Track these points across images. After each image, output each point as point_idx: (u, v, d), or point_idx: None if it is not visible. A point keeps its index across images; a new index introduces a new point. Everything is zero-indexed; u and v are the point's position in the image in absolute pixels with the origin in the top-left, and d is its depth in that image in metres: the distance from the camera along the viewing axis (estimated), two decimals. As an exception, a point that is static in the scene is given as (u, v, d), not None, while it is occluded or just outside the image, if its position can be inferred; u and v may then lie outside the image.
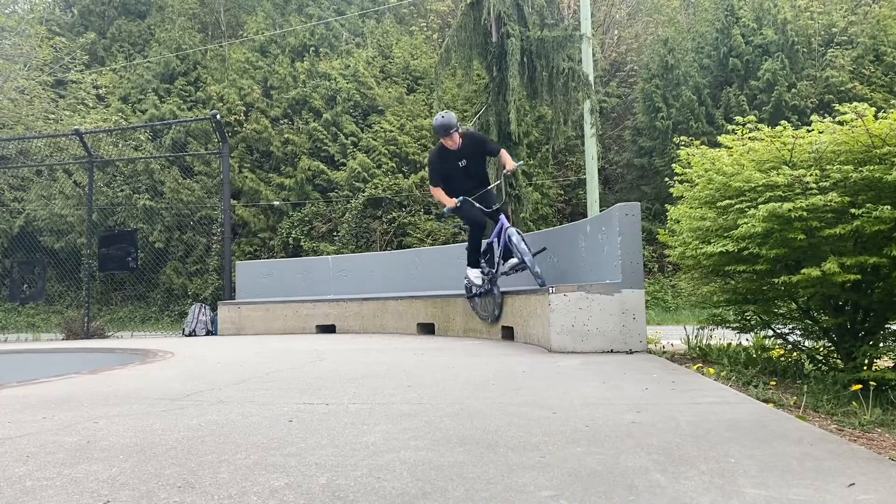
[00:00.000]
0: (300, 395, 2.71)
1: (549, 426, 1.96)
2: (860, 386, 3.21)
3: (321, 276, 8.70)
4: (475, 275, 5.68)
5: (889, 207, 3.03)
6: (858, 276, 3.22)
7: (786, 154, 3.60)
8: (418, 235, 15.62)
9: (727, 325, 4.42)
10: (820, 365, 4.07)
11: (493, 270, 5.56)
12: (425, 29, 20.69)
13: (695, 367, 3.51)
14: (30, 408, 2.58)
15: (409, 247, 14.66)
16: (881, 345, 3.62)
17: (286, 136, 17.66)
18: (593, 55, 13.33)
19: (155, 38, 20.75)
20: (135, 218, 16.51)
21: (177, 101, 18.36)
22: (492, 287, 5.63)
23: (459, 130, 5.59)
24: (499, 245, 5.46)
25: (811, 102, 15.21)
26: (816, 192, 3.22)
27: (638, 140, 16.94)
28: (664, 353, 4.49)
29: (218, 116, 10.07)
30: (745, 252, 3.52)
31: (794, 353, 4.27)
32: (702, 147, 4.29)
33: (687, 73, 16.28)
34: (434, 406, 2.36)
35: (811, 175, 3.27)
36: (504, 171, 5.68)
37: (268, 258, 15.68)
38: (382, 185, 16.38)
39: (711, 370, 3.37)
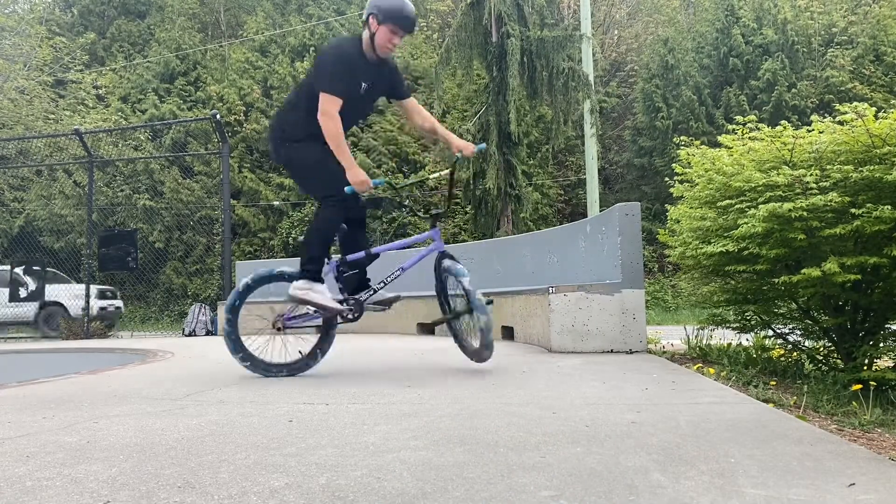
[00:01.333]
0: (300, 394, 2.71)
1: (549, 426, 1.96)
2: (860, 386, 3.21)
3: (321, 276, 8.68)
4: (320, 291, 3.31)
5: (889, 207, 3.03)
6: (858, 276, 3.22)
7: (786, 154, 3.60)
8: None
9: (727, 325, 4.42)
10: (820, 365, 4.07)
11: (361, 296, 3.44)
12: (425, 29, 20.69)
13: (695, 368, 3.51)
14: (30, 408, 2.58)
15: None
16: (881, 345, 3.62)
17: (286, 136, 17.65)
18: (593, 55, 13.34)
19: (155, 38, 20.76)
20: (135, 218, 16.51)
21: (177, 101, 18.36)
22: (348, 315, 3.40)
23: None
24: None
25: (811, 102, 15.21)
26: (816, 192, 3.22)
27: (638, 140, 16.94)
28: (664, 353, 4.49)
29: (218, 116, 10.07)
30: (746, 252, 3.52)
31: (795, 353, 4.27)
32: (702, 147, 4.29)
33: (687, 73, 16.28)
34: (434, 406, 2.36)
35: (811, 175, 3.27)
36: (455, 158, 3.43)
37: (268, 258, 15.68)
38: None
39: (711, 370, 3.37)
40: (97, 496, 1.38)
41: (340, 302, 3.42)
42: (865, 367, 3.50)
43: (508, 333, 5.53)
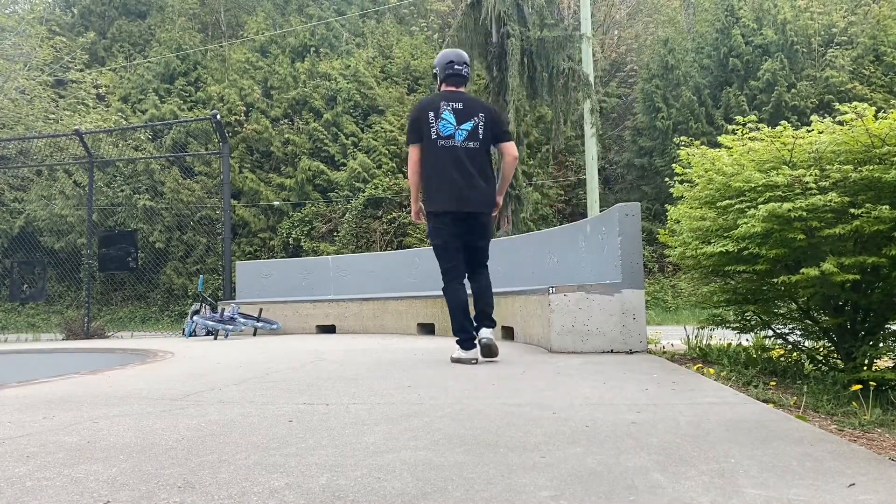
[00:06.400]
0: (300, 395, 2.71)
1: (549, 426, 1.96)
2: (860, 386, 3.21)
3: (321, 277, 8.70)
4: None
5: (888, 207, 3.03)
6: (858, 276, 3.22)
7: (786, 154, 3.60)
8: (418, 235, 15.60)
9: (727, 325, 4.41)
10: (820, 365, 4.07)
11: None
12: (425, 29, 20.68)
13: (695, 368, 3.51)
14: (30, 408, 2.58)
15: (409, 247, 14.65)
16: (881, 345, 3.62)
17: (286, 136, 17.66)
18: (593, 55, 13.33)
19: (155, 39, 20.76)
20: (135, 218, 16.51)
21: (177, 101, 18.35)
22: None
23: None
24: None
25: (811, 102, 15.21)
26: (816, 192, 3.22)
27: (638, 140, 16.93)
28: (664, 353, 4.49)
29: (218, 117, 10.07)
30: (745, 252, 3.52)
31: (794, 354, 4.27)
32: (702, 147, 4.29)
33: (687, 73, 16.28)
34: (434, 406, 2.36)
35: (811, 175, 3.27)
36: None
37: (268, 258, 15.68)
38: (382, 186, 16.38)
39: (711, 370, 3.37)
40: (97, 496, 1.38)
41: None
42: (865, 367, 3.50)
43: (508, 333, 5.53)
